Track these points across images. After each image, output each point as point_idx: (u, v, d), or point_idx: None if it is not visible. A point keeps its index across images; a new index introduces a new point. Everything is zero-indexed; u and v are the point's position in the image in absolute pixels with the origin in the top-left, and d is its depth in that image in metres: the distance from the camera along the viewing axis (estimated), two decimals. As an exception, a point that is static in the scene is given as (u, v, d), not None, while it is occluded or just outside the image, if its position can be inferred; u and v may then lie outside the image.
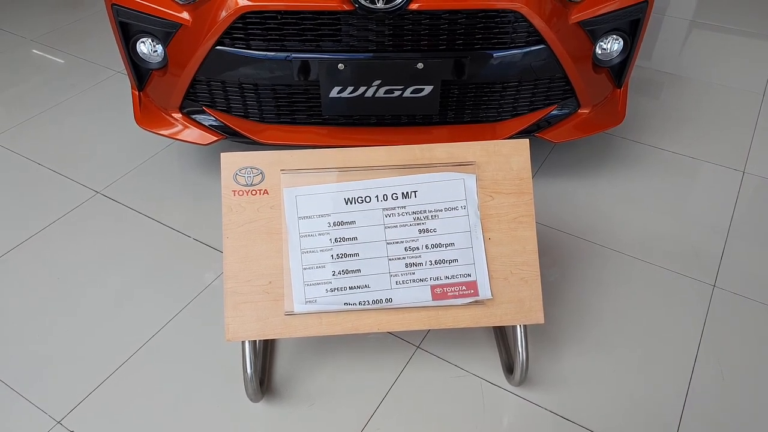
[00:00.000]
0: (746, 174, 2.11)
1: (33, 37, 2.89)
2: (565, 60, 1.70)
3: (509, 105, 1.83)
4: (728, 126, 2.33)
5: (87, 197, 2.01)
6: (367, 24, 1.61)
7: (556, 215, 1.94)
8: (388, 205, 1.36)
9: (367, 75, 1.68)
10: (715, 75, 2.64)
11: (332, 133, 1.87)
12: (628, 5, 1.71)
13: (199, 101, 1.84)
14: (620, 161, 2.16)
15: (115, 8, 1.72)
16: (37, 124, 2.33)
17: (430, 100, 1.75)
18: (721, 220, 1.93)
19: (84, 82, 2.57)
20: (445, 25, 1.62)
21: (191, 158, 2.15)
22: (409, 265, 1.34)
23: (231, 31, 1.63)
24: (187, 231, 1.88)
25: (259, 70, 1.70)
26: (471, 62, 1.67)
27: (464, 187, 1.38)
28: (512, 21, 1.62)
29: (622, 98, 1.94)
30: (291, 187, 1.36)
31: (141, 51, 1.80)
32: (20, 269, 1.77)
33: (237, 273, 1.33)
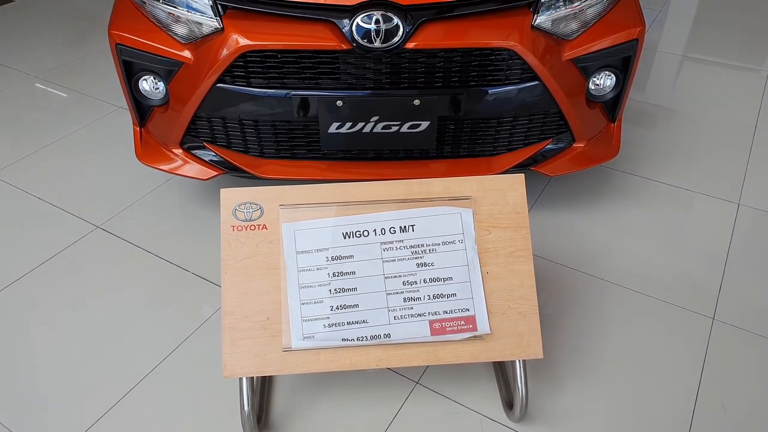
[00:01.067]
0: (741, 206, 2.13)
1: (38, 74, 2.95)
2: (559, 96, 1.74)
3: (505, 139, 1.86)
4: (721, 158, 2.36)
5: (86, 231, 2.02)
6: (365, 62, 1.64)
7: (554, 247, 1.95)
8: (386, 239, 1.37)
9: (365, 111, 1.71)
10: (707, 108, 2.68)
11: (331, 167, 1.89)
12: (619, 43, 1.75)
13: (200, 137, 1.87)
14: (616, 193, 2.18)
15: (119, 47, 1.76)
16: (39, 159, 2.36)
17: (427, 135, 1.78)
18: (718, 252, 1.94)
19: (86, 117, 2.61)
20: (441, 63, 1.65)
21: (191, 192, 2.17)
22: (407, 300, 1.34)
23: (232, 69, 1.67)
24: (186, 265, 1.89)
25: (259, 106, 1.73)
26: (467, 98, 1.70)
27: (461, 221, 1.39)
28: (506, 59, 1.65)
29: (616, 132, 1.97)
30: (289, 222, 1.37)
31: (143, 88, 1.83)
32: (19, 303, 1.77)
33: (235, 308, 1.33)
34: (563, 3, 1.68)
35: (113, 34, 1.77)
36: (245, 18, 1.64)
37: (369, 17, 1.56)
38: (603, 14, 1.76)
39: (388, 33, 1.57)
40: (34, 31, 3.37)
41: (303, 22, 1.62)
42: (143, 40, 1.73)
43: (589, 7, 1.72)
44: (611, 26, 1.76)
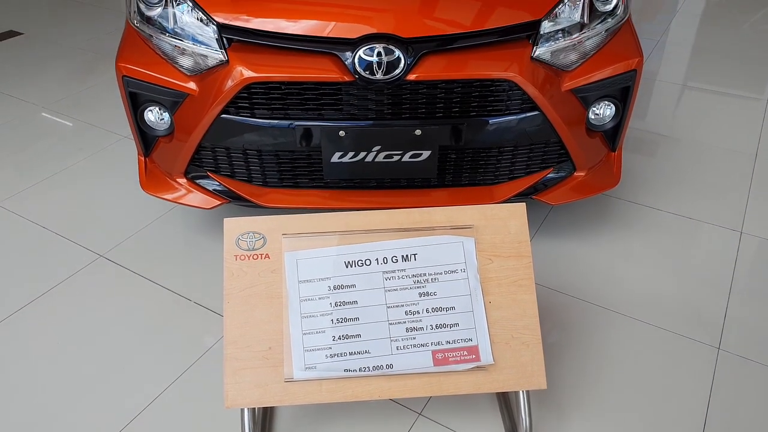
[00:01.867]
0: (744, 234, 2.13)
1: (45, 104, 2.99)
2: (559, 125, 1.75)
3: (506, 168, 1.87)
4: (723, 186, 2.37)
5: (90, 260, 2.02)
6: (367, 94, 1.67)
7: (556, 276, 1.95)
8: (388, 268, 1.38)
9: (367, 141, 1.73)
10: (707, 136, 2.70)
11: (333, 195, 1.91)
12: (618, 74, 1.78)
13: (204, 166, 1.89)
14: (618, 222, 2.18)
15: (125, 79, 1.79)
16: (44, 188, 2.38)
17: (429, 164, 1.79)
18: (722, 280, 1.94)
19: (91, 146, 2.64)
20: (442, 94, 1.68)
21: (194, 221, 2.18)
22: (409, 330, 1.34)
23: (236, 100, 1.69)
24: (189, 294, 1.89)
25: (262, 136, 1.75)
26: (467, 128, 1.72)
27: (463, 250, 1.39)
28: (506, 89, 1.68)
29: (616, 161, 1.98)
30: (292, 251, 1.38)
31: (148, 119, 1.86)
32: (21, 333, 1.76)
33: (237, 338, 1.33)
34: (562, 35, 1.71)
35: (120, 67, 1.80)
36: (249, 51, 1.67)
37: (371, 50, 1.59)
38: (601, 46, 1.79)
39: (389, 65, 1.60)
40: (43, 63, 3.43)
41: (306, 54, 1.65)
42: (149, 72, 1.77)
43: (588, 39, 1.75)
44: (610, 57, 1.78)
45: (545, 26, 1.68)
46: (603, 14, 1.76)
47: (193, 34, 1.71)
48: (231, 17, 1.67)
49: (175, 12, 1.73)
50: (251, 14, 1.67)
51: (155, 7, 1.75)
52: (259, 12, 1.67)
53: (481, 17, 1.65)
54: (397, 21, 1.62)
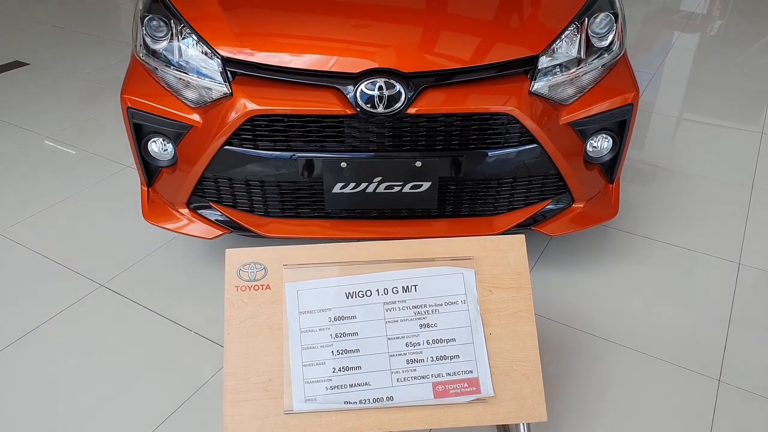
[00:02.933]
0: (742, 266, 2.13)
1: (48, 134, 3.02)
2: (557, 158, 1.78)
3: (505, 200, 1.89)
4: (720, 218, 2.39)
5: (91, 290, 2.02)
6: (369, 126, 1.70)
7: (556, 307, 1.95)
8: (389, 299, 1.38)
9: (369, 172, 1.75)
10: (704, 168, 2.73)
11: (334, 225, 1.92)
12: (615, 107, 1.81)
13: (206, 197, 1.91)
14: (616, 253, 2.19)
15: (130, 111, 1.82)
16: (46, 217, 2.39)
17: (429, 195, 1.81)
18: (721, 312, 1.94)
19: (95, 176, 2.66)
20: (442, 127, 1.71)
21: (195, 251, 2.19)
22: (410, 362, 1.33)
23: (239, 132, 1.72)
24: (189, 325, 1.89)
25: (265, 167, 1.77)
26: (467, 160, 1.75)
27: (463, 281, 1.40)
28: (505, 123, 1.71)
29: (614, 193, 2.00)
30: (293, 282, 1.39)
31: (152, 150, 1.88)
32: (19, 362, 1.76)
33: (237, 370, 1.33)
34: (559, 70, 1.75)
35: (125, 98, 1.83)
36: (253, 84, 1.70)
37: (372, 84, 1.63)
38: (598, 80, 1.83)
39: (390, 99, 1.63)
40: (48, 93, 3.48)
41: (309, 87, 1.68)
42: (154, 104, 1.80)
43: (585, 74, 1.78)
44: (606, 91, 1.82)
45: (543, 61, 1.72)
46: (599, 50, 1.80)
47: (198, 67, 1.75)
48: (235, 51, 1.71)
49: (180, 45, 1.77)
50: (255, 48, 1.71)
51: (161, 41, 1.79)
52: (262, 46, 1.71)
53: (480, 52, 1.69)
54: (398, 56, 1.65)
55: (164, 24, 1.78)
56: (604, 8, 1.83)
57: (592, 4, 1.83)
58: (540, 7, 1.81)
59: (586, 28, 1.78)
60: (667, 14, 4.95)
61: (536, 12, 1.79)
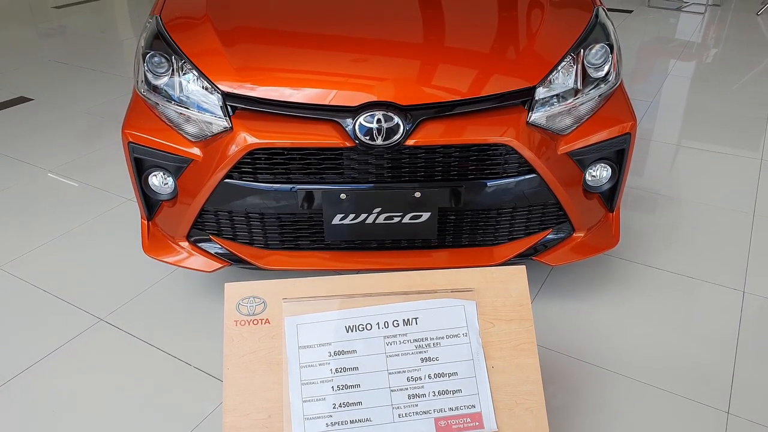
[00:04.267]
0: (747, 294, 2.12)
1: (51, 168, 3.04)
2: (557, 187, 1.78)
3: (505, 230, 1.89)
4: (722, 245, 2.38)
5: (90, 324, 2.01)
6: (368, 158, 1.70)
7: (559, 338, 1.93)
8: (389, 333, 1.37)
9: (368, 203, 1.76)
10: (705, 195, 2.73)
11: (334, 257, 1.92)
12: (613, 137, 1.82)
13: (206, 230, 1.91)
14: (619, 282, 2.18)
15: (131, 146, 1.83)
16: (46, 251, 2.39)
17: (428, 225, 1.81)
18: (727, 342, 1.92)
19: (95, 209, 2.67)
20: (440, 158, 1.71)
21: (195, 284, 2.18)
22: (411, 397, 1.32)
23: (240, 165, 1.73)
24: (188, 359, 1.87)
25: (265, 200, 1.78)
26: (466, 191, 1.75)
27: (465, 313, 1.39)
28: (503, 153, 1.71)
29: (615, 222, 2.00)
30: (292, 316, 1.38)
31: (152, 183, 1.89)
32: (17, 398, 1.73)
33: (236, 406, 1.31)
34: (557, 100, 1.76)
35: (126, 133, 1.84)
36: (253, 117, 1.71)
37: (371, 117, 1.64)
38: (595, 110, 1.84)
39: (389, 131, 1.64)
40: (51, 127, 3.51)
41: (308, 121, 1.69)
42: (155, 139, 1.81)
43: (582, 104, 1.80)
44: (604, 121, 1.83)
45: (540, 92, 1.73)
46: (596, 80, 1.82)
47: (198, 102, 1.76)
48: (235, 86, 1.73)
49: (181, 81, 1.79)
50: (255, 83, 1.72)
51: (162, 76, 1.82)
52: (262, 81, 1.72)
53: (477, 84, 1.71)
54: (396, 89, 1.67)
55: (165, 60, 1.81)
56: (599, 39, 1.86)
57: (587, 35, 1.85)
58: (536, 38, 1.83)
59: (582, 59, 1.80)
60: (663, 43, 5.02)
61: (532, 44, 1.82)
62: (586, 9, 1.95)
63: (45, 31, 5.62)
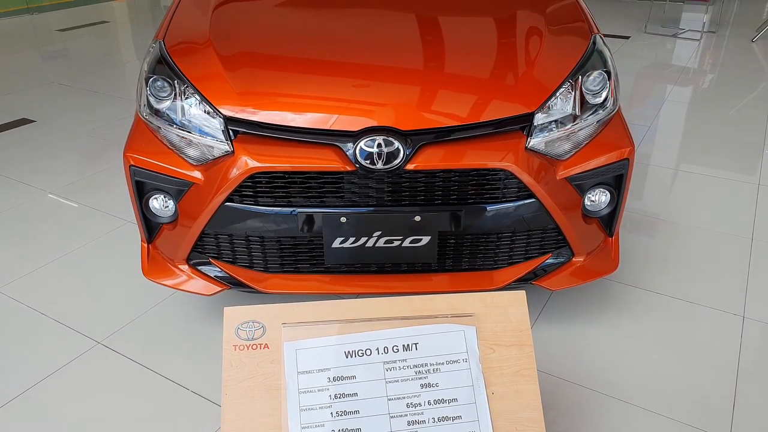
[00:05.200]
0: (746, 319, 2.11)
1: (51, 190, 3.05)
2: (556, 212, 1.79)
3: (505, 254, 1.89)
4: (721, 270, 2.38)
5: (87, 348, 2.00)
6: (368, 182, 1.71)
7: (560, 363, 1.92)
8: (389, 359, 1.36)
9: (368, 227, 1.76)
10: (703, 219, 2.74)
11: (334, 280, 1.91)
12: (611, 162, 1.83)
13: (206, 253, 1.91)
14: (619, 306, 2.17)
15: (132, 169, 1.84)
16: (45, 273, 2.39)
17: (428, 249, 1.81)
18: (728, 367, 1.91)
19: (95, 232, 2.67)
20: (440, 183, 1.72)
21: (194, 307, 2.18)
22: (411, 423, 1.30)
23: (240, 189, 1.73)
24: (186, 383, 1.85)
25: (265, 223, 1.78)
26: (466, 215, 1.75)
27: (465, 339, 1.39)
28: (503, 178, 1.72)
29: (614, 246, 2.00)
30: (292, 341, 1.37)
31: (153, 206, 1.89)
32: (13, 422, 1.72)
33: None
34: (555, 126, 1.78)
35: (128, 156, 1.85)
36: (255, 141, 1.73)
37: (372, 141, 1.65)
38: (594, 136, 1.86)
39: (389, 155, 1.66)
40: (52, 149, 3.53)
41: (309, 145, 1.71)
42: (156, 162, 1.82)
43: (580, 130, 1.81)
44: (602, 147, 1.84)
45: (538, 118, 1.75)
46: (594, 106, 1.84)
47: (200, 126, 1.78)
48: (237, 110, 1.74)
49: (183, 105, 1.81)
50: (257, 107, 1.74)
51: (164, 100, 1.83)
52: (264, 105, 1.74)
53: (476, 110, 1.72)
54: (396, 114, 1.69)
55: (168, 84, 1.83)
56: (597, 66, 1.88)
57: (585, 62, 1.88)
58: (535, 65, 1.85)
59: (580, 86, 1.82)
60: (660, 68, 5.08)
61: (531, 70, 1.84)
62: (584, 36, 1.98)
63: (48, 54, 5.68)
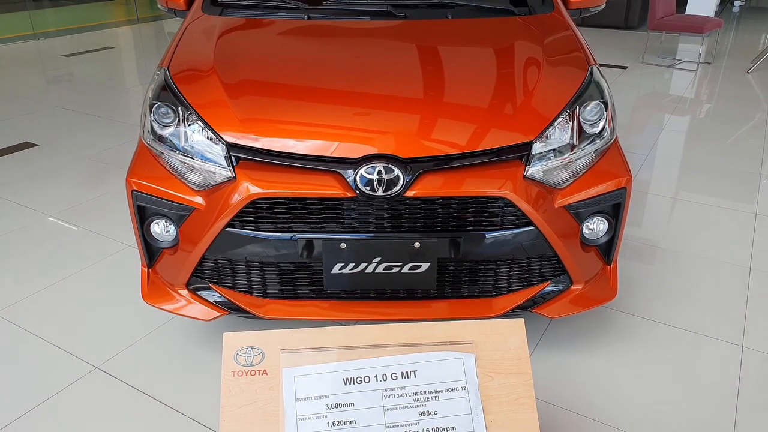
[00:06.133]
0: (745, 349, 2.11)
1: (52, 213, 3.07)
2: (554, 240, 1.80)
3: (504, 281, 1.89)
4: (720, 299, 2.38)
5: (85, 372, 1.99)
6: (368, 208, 1.73)
7: (558, 392, 1.91)
8: (388, 386, 1.36)
9: (368, 253, 1.77)
10: (702, 247, 2.75)
11: (333, 306, 1.92)
12: (609, 191, 1.85)
13: (206, 278, 1.91)
14: (617, 334, 2.17)
15: (135, 194, 1.86)
16: (44, 297, 2.39)
17: (428, 276, 1.82)
18: (728, 396, 1.90)
19: (95, 255, 2.68)
20: (440, 210, 1.74)
21: (192, 332, 2.17)
22: (409, 452, 1.30)
23: (241, 214, 1.75)
24: (184, 409, 1.84)
25: (265, 248, 1.79)
26: (465, 242, 1.77)
27: (464, 366, 1.39)
28: (501, 206, 1.74)
29: (612, 274, 2.01)
30: (290, 367, 1.37)
31: (154, 231, 1.90)
32: (5, 451, 1.70)
33: (231, 460, 1.29)
34: (553, 155, 1.80)
35: (130, 181, 1.87)
36: (256, 168, 1.75)
37: (372, 168, 1.67)
38: (591, 165, 1.88)
39: (389, 182, 1.68)
40: (54, 173, 3.56)
41: (311, 172, 1.73)
42: (158, 187, 1.84)
43: (578, 159, 1.84)
44: (600, 176, 1.87)
45: (537, 147, 1.77)
46: (591, 136, 1.87)
47: (203, 152, 1.80)
48: (239, 137, 1.77)
49: (186, 131, 1.83)
50: (259, 134, 1.76)
51: (168, 126, 1.86)
52: (266, 132, 1.77)
53: (475, 138, 1.75)
54: (396, 142, 1.71)
55: (172, 111, 1.86)
56: (594, 97, 1.91)
57: (582, 92, 1.91)
58: (533, 95, 1.88)
59: (577, 116, 1.85)
60: (657, 98, 5.15)
61: (529, 100, 1.87)
62: (581, 67, 2.02)
63: (53, 78, 5.76)
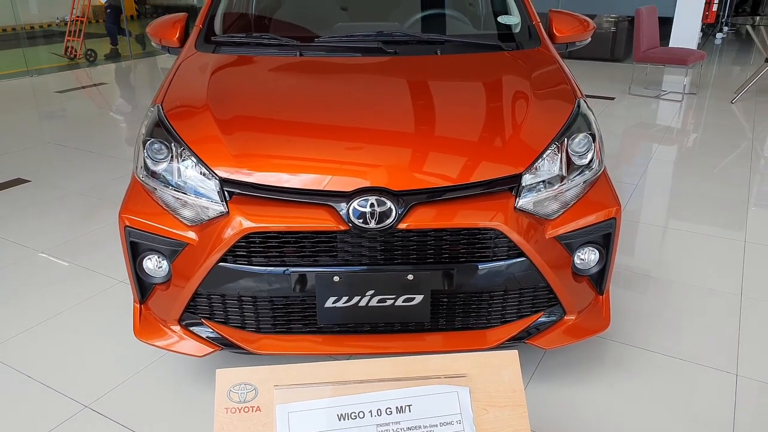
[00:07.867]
0: (740, 377, 2.10)
1: (43, 249, 3.05)
2: (546, 270, 1.81)
3: (497, 312, 1.89)
4: (712, 327, 2.39)
5: (74, 412, 1.95)
6: (361, 241, 1.74)
7: (554, 424, 1.89)
8: (382, 421, 1.35)
9: (361, 286, 1.77)
10: (693, 276, 2.77)
11: (327, 340, 1.90)
12: (599, 222, 1.87)
13: (198, 313, 1.90)
14: (612, 364, 2.16)
15: (127, 230, 1.86)
16: (34, 335, 2.36)
17: (421, 308, 1.82)
18: (724, 426, 1.88)
19: (87, 291, 2.66)
20: (432, 241, 1.75)
21: (185, 368, 2.14)
22: (404, 488, 1.28)
23: (234, 249, 1.75)
24: (174, 448, 1.81)
25: (258, 283, 1.79)
26: (458, 273, 1.77)
27: (458, 400, 1.38)
28: (493, 237, 1.75)
29: (605, 304, 2.01)
30: (284, 404, 1.35)
31: (147, 267, 1.90)
32: (-9, 495, 1.66)
33: (223, 500, 1.26)
34: (543, 186, 1.82)
35: (123, 217, 1.88)
36: (249, 202, 1.76)
37: (364, 201, 1.69)
38: (581, 196, 1.90)
39: (382, 215, 1.69)
40: (46, 209, 3.55)
41: (303, 205, 1.74)
42: (151, 223, 1.84)
43: (567, 190, 1.86)
44: (589, 206, 1.89)
45: (527, 179, 1.80)
46: (580, 167, 1.90)
47: (196, 188, 1.81)
48: (233, 171, 1.78)
49: (179, 167, 1.85)
50: (252, 169, 1.78)
51: (161, 162, 1.87)
52: (259, 167, 1.78)
53: (466, 171, 1.77)
54: (388, 175, 1.73)
55: (165, 147, 1.87)
56: (582, 129, 1.95)
57: (570, 125, 1.94)
58: (522, 128, 1.92)
59: (566, 148, 1.88)
60: (645, 128, 5.24)
61: (518, 133, 1.90)
62: (569, 100, 2.06)
63: (46, 114, 5.79)
